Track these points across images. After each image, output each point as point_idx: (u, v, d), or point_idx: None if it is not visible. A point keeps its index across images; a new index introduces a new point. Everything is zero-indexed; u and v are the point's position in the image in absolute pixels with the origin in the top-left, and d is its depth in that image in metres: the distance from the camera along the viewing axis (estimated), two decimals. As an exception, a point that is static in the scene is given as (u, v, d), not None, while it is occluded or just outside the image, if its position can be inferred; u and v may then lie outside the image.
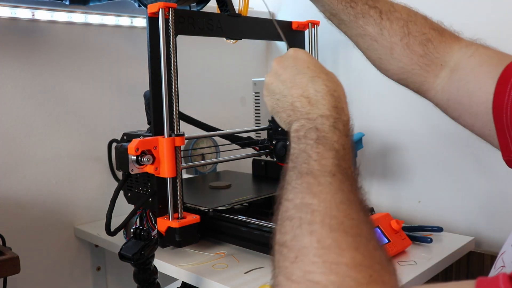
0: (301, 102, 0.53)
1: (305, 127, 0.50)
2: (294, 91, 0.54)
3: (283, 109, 0.55)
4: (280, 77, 0.57)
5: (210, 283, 0.81)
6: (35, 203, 1.09)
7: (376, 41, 0.71)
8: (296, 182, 0.46)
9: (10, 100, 1.05)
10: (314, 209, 0.42)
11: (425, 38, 0.68)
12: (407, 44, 0.69)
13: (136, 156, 0.84)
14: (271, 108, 0.59)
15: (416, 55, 0.69)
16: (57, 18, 1.10)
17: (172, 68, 0.86)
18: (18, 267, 0.76)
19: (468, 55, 0.66)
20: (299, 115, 0.52)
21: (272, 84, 0.58)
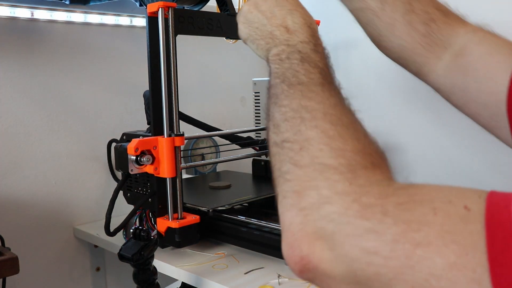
0: (280, 31, 0.55)
1: (286, 51, 0.52)
2: (273, 21, 0.56)
3: (262, 37, 0.57)
4: (260, 8, 0.59)
5: (210, 284, 0.81)
6: (35, 203, 1.09)
7: (377, 16, 0.69)
8: (288, 91, 0.48)
9: (10, 100, 1.05)
10: (313, 109, 0.45)
11: (429, 18, 0.66)
12: (409, 22, 0.66)
13: (135, 156, 0.83)
14: (247, 35, 0.60)
15: (418, 34, 0.66)
16: (57, 18, 1.10)
17: (172, 67, 0.86)
18: (17, 267, 0.75)
19: (476, 41, 0.64)
20: (278, 42, 0.54)
21: (251, 13, 0.60)
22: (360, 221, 0.34)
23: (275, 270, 0.84)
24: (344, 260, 0.35)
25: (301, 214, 0.38)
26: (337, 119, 0.44)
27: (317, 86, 0.48)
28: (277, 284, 0.79)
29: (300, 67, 0.50)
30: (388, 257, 0.32)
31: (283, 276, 0.81)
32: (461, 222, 0.31)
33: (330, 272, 0.36)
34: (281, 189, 0.42)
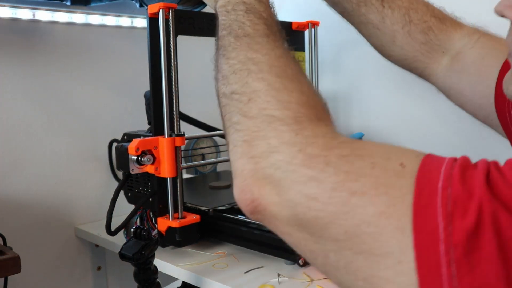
0: None
1: (232, 2, 0.54)
2: None
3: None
4: None
5: (210, 283, 0.81)
6: (36, 203, 1.09)
7: (378, 29, 0.72)
8: (235, 43, 0.50)
9: (10, 100, 1.05)
10: (259, 61, 0.47)
11: (426, 26, 0.69)
12: (409, 32, 0.70)
13: (136, 156, 0.84)
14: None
15: (417, 43, 0.70)
16: (58, 19, 1.10)
17: (172, 68, 0.87)
18: (19, 266, 0.76)
19: (470, 45, 0.67)
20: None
21: None
22: (304, 170, 0.37)
23: (275, 269, 0.84)
24: (289, 204, 0.38)
25: (252, 162, 0.41)
26: (282, 71, 0.46)
27: (262, 37, 0.50)
28: (277, 284, 0.79)
29: (246, 18, 0.51)
30: (327, 203, 0.35)
31: (283, 275, 0.81)
32: (395, 176, 0.34)
33: (276, 214, 0.39)
34: (232, 138, 0.45)
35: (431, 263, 0.30)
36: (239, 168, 0.43)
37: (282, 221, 0.39)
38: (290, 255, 0.84)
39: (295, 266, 0.84)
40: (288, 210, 0.38)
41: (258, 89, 0.45)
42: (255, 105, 0.44)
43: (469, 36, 0.68)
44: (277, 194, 0.39)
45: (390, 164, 0.35)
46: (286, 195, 0.38)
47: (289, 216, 0.38)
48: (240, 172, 0.43)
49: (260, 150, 0.41)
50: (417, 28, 0.70)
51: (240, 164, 0.43)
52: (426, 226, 0.31)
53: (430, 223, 0.31)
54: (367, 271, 0.33)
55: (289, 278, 0.81)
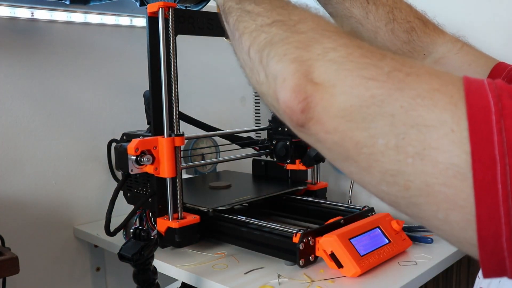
0: None
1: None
2: None
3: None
4: None
5: (210, 284, 0.81)
6: (35, 203, 1.09)
7: (361, 24, 0.73)
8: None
9: (9, 100, 1.05)
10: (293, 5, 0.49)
11: (410, 26, 0.71)
12: (392, 30, 0.71)
13: (135, 156, 0.83)
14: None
15: (400, 41, 0.71)
16: (57, 18, 1.10)
17: (172, 68, 0.86)
18: (17, 267, 0.75)
19: (454, 52, 0.69)
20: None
21: None
22: (362, 59, 0.40)
23: (275, 270, 0.84)
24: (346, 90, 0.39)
25: (307, 64, 0.41)
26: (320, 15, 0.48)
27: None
28: (277, 284, 0.79)
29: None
30: (384, 81, 0.37)
31: (283, 276, 0.81)
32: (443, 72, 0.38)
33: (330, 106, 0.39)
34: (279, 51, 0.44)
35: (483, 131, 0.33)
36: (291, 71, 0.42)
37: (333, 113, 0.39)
38: (290, 256, 0.83)
39: (295, 267, 0.84)
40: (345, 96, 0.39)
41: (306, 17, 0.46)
42: (304, 25, 0.45)
43: (452, 43, 0.70)
44: (333, 85, 0.39)
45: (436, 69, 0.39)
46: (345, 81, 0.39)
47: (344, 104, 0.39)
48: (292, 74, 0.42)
49: (316, 52, 0.42)
50: (400, 27, 0.71)
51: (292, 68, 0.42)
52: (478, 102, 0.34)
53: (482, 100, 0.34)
54: (420, 144, 0.35)
55: (289, 279, 0.80)
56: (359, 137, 0.38)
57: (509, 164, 0.32)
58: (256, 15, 0.50)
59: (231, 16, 0.54)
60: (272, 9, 0.49)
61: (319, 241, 0.83)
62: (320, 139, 0.41)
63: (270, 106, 0.48)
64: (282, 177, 1.19)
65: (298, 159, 1.08)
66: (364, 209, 0.99)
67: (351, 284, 0.79)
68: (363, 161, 0.38)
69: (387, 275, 0.82)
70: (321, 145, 0.42)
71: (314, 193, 1.15)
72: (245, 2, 0.53)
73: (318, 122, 0.40)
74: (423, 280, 0.83)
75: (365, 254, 0.82)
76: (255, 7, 0.51)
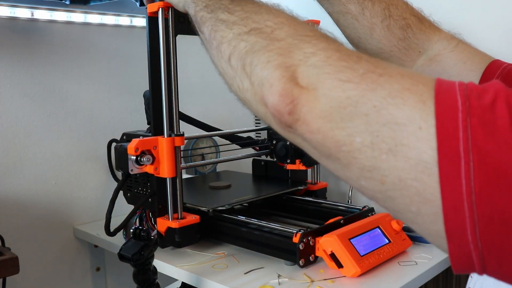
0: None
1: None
2: None
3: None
4: None
5: (210, 284, 0.81)
6: (35, 203, 1.09)
7: (357, 20, 0.73)
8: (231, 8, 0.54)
9: (9, 100, 1.05)
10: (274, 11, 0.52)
11: (405, 23, 0.71)
12: (388, 26, 0.71)
13: (135, 156, 0.83)
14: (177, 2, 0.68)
15: (395, 38, 0.71)
16: (57, 18, 1.10)
17: (172, 67, 0.86)
18: (17, 267, 0.75)
19: (450, 49, 0.69)
20: None
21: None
22: (339, 62, 0.42)
23: (275, 270, 0.84)
24: (325, 92, 0.42)
25: (290, 69, 0.44)
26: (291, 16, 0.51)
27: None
28: (277, 284, 0.79)
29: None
30: (358, 83, 0.40)
31: (283, 276, 0.81)
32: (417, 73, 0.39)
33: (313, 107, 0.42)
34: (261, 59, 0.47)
35: (449, 128, 0.34)
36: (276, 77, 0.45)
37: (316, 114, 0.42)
38: (290, 256, 0.83)
39: (295, 267, 0.84)
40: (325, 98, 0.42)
41: (281, 22, 0.49)
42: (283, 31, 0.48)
43: (448, 40, 0.70)
44: (315, 88, 0.42)
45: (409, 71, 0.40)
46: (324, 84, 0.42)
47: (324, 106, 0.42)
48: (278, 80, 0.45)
49: (298, 58, 0.45)
50: (396, 23, 0.71)
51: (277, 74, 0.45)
52: (446, 101, 0.35)
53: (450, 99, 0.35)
54: (392, 141, 0.37)
55: (289, 279, 0.80)
56: (339, 136, 0.40)
57: (472, 160, 0.33)
58: (232, 24, 0.52)
59: (205, 26, 0.57)
60: (247, 17, 0.51)
61: (319, 241, 0.83)
62: (306, 139, 0.44)
63: (255, 112, 0.51)
64: (282, 177, 1.19)
65: (298, 159, 1.08)
66: (364, 209, 0.99)
67: (351, 284, 0.79)
68: (344, 158, 0.41)
69: (387, 275, 0.82)
70: (307, 145, 0.44)
71: (314, 193, 1.15)
72: (217, 11, 0.55)
73: (304, 123, 0.43)
74: (423, 280, 0.83)
75: (365, 254, 0.82)
76: (229, 16, 0.53)
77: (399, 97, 0.37)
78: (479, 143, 0.33)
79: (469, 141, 0.33)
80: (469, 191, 0.33)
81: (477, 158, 0.33)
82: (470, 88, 0.35)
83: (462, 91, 0.35)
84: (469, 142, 0.33)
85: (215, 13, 0.55)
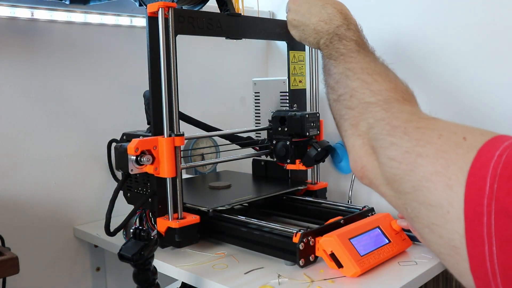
0: (320, 25, 0.73)
1: (328, 38, 0.70)
2: (312, 19, 0.74)
3: (309, 35, 0.75)
4: (299, 12, 0.77)
5: (210, 284, 0.81)
6: (34, 203, 1.09)
7: None
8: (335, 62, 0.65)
9: (9, 100, 1.05)
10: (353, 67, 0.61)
11: None
12: None
13: (135, 156, 0.83)
14: (299, 38, 0.80)
15: None
16: (57, 18, 1.10)
17: (172, 67, 0.86)
18: (17, 267, 0.75)
19: None
20: (322, 34, 0.72)
21: (294, 20, 0.78)
22: (388, 137, 0.49)
23: (275, 270, 0.84)
24: (380, 166, 0.49)
25: (359, 139, 0.54)
26: (372, 70, 0.59)
27: (354, 52, 0.64)
28: (277, 284, 0.79)
29: (340, 44, 0.67)
30: (400, 162, 0.45)
31: (283, 276, 0.81)
32: (455, 146, 0.42)
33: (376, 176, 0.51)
34: (343, 127, 0.58)
35: (475, 213, 0.37)
36: (351, 145, 0.56)
37: (379, 181, 0.50)
38: (290, 256, 0.83)
39: (295, 267, 0.84)
40: (381, 171, 0.49)
41: (356, 86, 0.58)
42: (355, 98, 0.57)
43: None
44: (375, 159, 0.51)
45: (454, 137, 0.43)
46: (379, 159, 0.49)
47: (382, 176, 0.49)
48: (351, 148, 0.55)
49: (363, 129, 0.54)
50: None
51: (351, 142, 0.56)
52: (476, 184, 0.38)
53: (480, 181, 0.37)
54: (428, 219, 0.42)
55: (289, 279, 0.80)
56: (398, 202, 0.48)
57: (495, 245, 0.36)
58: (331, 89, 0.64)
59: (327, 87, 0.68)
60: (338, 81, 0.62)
61: (319, 241, 0.83)
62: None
63: None
64: (282, 177, 1.19)
65: (298, 159, 1.08)
66: (364, 209, 0.99)
67: (351, 284, 0.78)
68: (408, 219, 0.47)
69: (387, 275, 0.82)
70: None
71: (314, 193, 1.15)
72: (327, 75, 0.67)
73: (374, 186, 0.52)
74: (423, 280, 0.83)
75: (365, 254, 0.82)
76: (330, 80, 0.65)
77: (431, 181, 0.41)
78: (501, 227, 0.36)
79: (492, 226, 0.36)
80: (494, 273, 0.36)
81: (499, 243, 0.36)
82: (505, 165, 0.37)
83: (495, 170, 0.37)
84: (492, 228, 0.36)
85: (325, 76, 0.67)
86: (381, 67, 0.60)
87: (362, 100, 0.56)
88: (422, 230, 0.43)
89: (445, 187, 0.40)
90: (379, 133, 0.50)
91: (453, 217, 0.39)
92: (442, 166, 0.41)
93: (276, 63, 1.56)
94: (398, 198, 0.47)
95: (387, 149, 0.48)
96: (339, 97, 0.60)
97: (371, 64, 0.61)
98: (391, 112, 0.51)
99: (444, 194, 0.40)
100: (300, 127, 1.05)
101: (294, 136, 1.07)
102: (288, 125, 1.07)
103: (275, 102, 1.20)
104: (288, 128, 1.08)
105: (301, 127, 1.05)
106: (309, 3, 0.75)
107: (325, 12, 0.72)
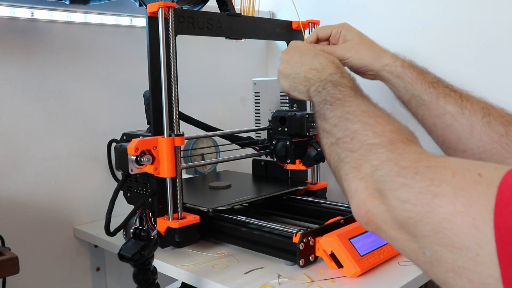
0: (312, 73, 0.71)
1: (321, 85, 0.68)
2: (304, 68, 0.73)
3: (299, 83, 0.73)
4: (290, 62, 0.76)
5: (210, 284, 0.81)
6: (35, 203, 1.09)
7: (456, 120, 0.72)
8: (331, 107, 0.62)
9: (9, 100, 1.05)
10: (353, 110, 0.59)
11: (505, 120, 0.69)
12: (488, 123, 0.70)
13: (135, 156, 0.83)
14: (289, 87, 0.76)
15: (497, 134, 0.69)
16: (57, 18, 1.10)
17: (172, 67, 0.86)
18: (17, 267, 0.75)
19: None
20: (313, 81, 0.70)
21: (286, 69, 0.76)
22: (398, 179, 0.46)
23: (275, 270, 0.84)
24: (390, 209, 0.46)
25: (362, 182, 0.50)
26: (373, 113, 0.57)
27: (351, 97, 0.62)
28: (277, 284, 0.79)
29: (335, 90, 0.64)
30: (415, 204, 0.42)
31: (283, 276, 0.81)
32: (472, 183, 0.40)
33: (384, 221, 0.47)
34: (343, 171, 0.54)
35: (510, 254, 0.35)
36: (353, 189, 0.52)
37: (388, 226, 0.47)
38: (290, 256, 0.83)
39: (295, 267, 0.84)
40: (390, 214, 0.46)
41: (357, 128, 0.56)
42: (357, 140, 0.54)
43: None
44: (382, 203, 0.47)
45: (468, 174, 0.41)
46: (388, 202, 0.46)
47: (392, 220, 0.46)
48: (354, 192, 0.51)
49: (367, 171, 0.50)
50: (496, 120, 0.69)
51: (353, 186, 0.51)
52: (506, 223, 0.36)
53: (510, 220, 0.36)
54: (453, 263, 0.39)
55: (289, 279, 0.80)
56: (414, 246, 0.45)
57: None
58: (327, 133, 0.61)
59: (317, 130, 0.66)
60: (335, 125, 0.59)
61: (319, 241, 0.83)
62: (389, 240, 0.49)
63: None
64: (282, 177, 1.19)
65: (298, 159, 1.08)
66: (364, 209, 0.99)
67: (351, 284, 0.79)
68: (422, 265, 0.45)
69: (387, 275, 0.82)
70: None
71: (314, 193, 1.15)
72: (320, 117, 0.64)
73: (382, 231, 0.48)
74: (423, 280, 0.83)
75: (365, 254, 0.82)
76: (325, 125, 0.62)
77: (454, 222, 0.39)
78: None
79: None
80: None
81: None
82: None
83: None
84: None
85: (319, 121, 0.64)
86: (381, 110, 0.59)
87: (365, 142, 0.53)
88: (444, 275, 0.41)
89: (471, 227, 0.37)
90: (387, 175, 0.47)
91: (484, 260, 0.36)
92: (464, 205, 0.39)
93: (276, 63, 1.56)
94: (414, 242, 0.44)
95: (397, 190, 0.45)
96: (337, 141, 0.57)
97: (371, 107, 0.59)
98: (397, 153, 0.49)
99: (471, 236, 0.37)
100: (300, 127, 1.05)
101: (294, 136, 1.07)
102: (288, 125, 1.07)
103: (275, 102, 1.20)
104: (288, 128, 1.08)
105: (301, 127, 1.05)
106: (301, 54, 0.75)
107: (317, 61, 0.72)
